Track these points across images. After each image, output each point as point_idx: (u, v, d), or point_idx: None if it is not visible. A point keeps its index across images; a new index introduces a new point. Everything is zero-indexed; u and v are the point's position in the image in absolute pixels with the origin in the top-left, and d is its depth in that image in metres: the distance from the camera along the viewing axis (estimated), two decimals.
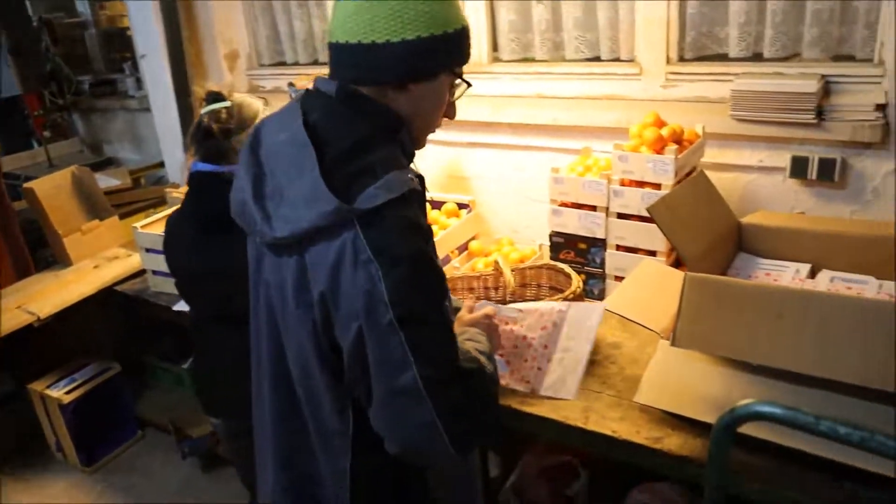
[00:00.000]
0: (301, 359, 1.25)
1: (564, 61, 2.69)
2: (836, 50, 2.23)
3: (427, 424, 1.12)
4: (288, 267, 1.20)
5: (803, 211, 2.25)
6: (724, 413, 0.94)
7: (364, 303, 1.10)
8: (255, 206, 1.20)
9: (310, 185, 1.12)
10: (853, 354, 1.41)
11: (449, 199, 2.65)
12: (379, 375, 1.13)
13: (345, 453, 1.28)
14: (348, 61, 1.19)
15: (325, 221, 1.11)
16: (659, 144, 2.07)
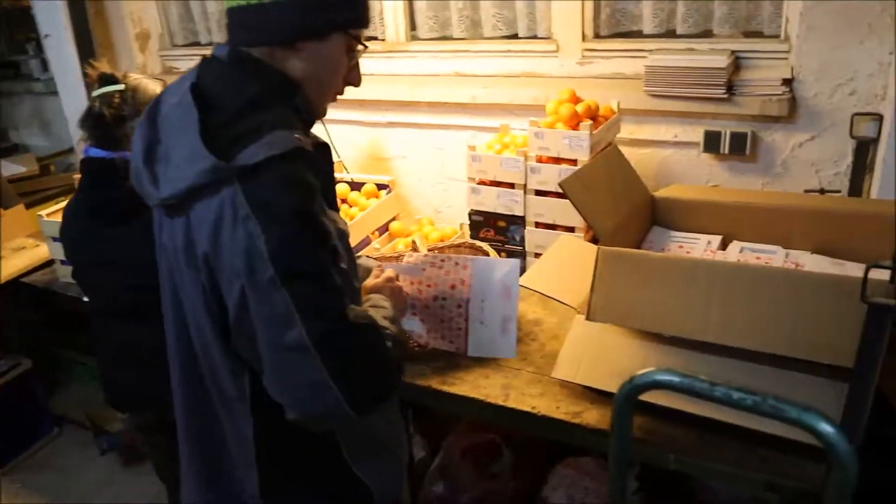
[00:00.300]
0: (197, 323, 1.23)
1: (482, 39, 2.67)
2: (745, 26, 2.27)
3: (318, 383, 1.09)
4: (178, 229, 1.18)
5: (718, 184, 2.30)
6: (623, 383, 0.94)
7: (244, 260, 1.08)
8: (144, 170, 1.20)
9: (190, 144, 1.11)
10: (758, 322, 1.44)
11: (368, 180, 2.61)
12: (265, 335, 1.11)
13: (246, 420, 1.25)
14: (240, 23, 1.20)
15: (203, 179, 1.10)
16: (574, 121, 2.08)
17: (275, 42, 1.20)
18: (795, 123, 2.14)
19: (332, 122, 2.80)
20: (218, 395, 1.29)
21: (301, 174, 1.14)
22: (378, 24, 2.86)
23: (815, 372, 1.44)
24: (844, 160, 2.11)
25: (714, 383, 0.85)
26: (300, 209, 1.11)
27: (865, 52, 1.97)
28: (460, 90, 2.56)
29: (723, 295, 1.47)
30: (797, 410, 0.81)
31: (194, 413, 1.37)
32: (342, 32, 1.24)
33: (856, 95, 2.02)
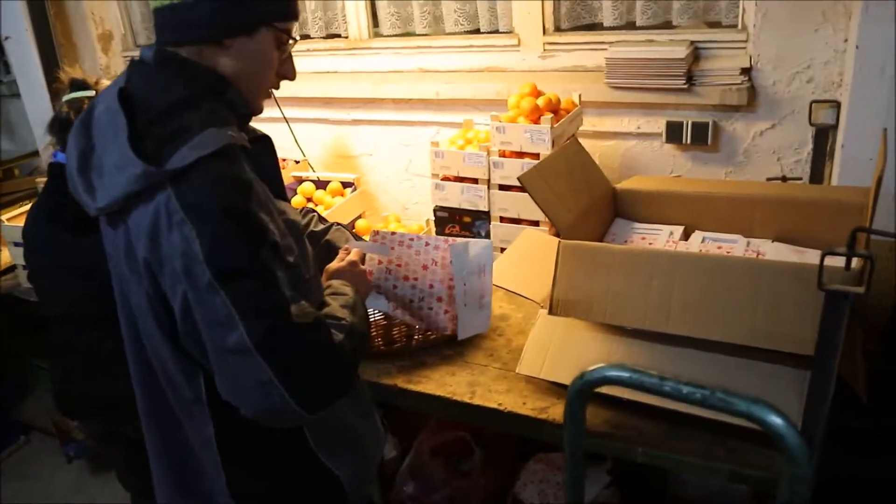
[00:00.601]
0: (145, 327, 1.23)
1: (444, 34, 2.66)
2: (703, 17, 2.28)
3: (264, 383, 1.08)
4: (119, 237, 1.18)
5: (681, 174, 2.31)
6: (575, 379, 0.94)
7: (182, 265, 1.08)
8: (78, 179, 1.19)
9: (120, 150, 1.10)
10: (718, 312, 1.44)
11: (333, 178, 2.59)
12: (208, 338, 1.10)
13: (205, 421, 1.25)
14: (166, 23, 1.18)
15: (135, 186, 1.09)
16: (535, 114, 2.07)
17: (202, 40, 1.18)
18: (755, 112, 2.15)
19: (296, 120, 2.80)
20: (175, 397, 1.28)
21: (234, 172, 1.12)
22: (341, 21, 2.84)
23: (778, 361, 1.44)
24: (805, 147, 2.12)
25: (663, 378, 0.85)
26: (231, 208, 1.09)
27: (820, 40, 1.98)
28: (424, 86, 2.55)
29: (683, 286, 1.47)
30: (746, 403, 0.81)
31: (155, 417, 1.36)
32: (270, 27, 1.22)
33: (813, 83, 2.04)
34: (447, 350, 1.91)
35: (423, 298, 1.69)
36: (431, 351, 1.91)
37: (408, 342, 1.90)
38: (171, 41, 1.19)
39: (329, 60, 2.85)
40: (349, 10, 2.75)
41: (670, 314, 1.46)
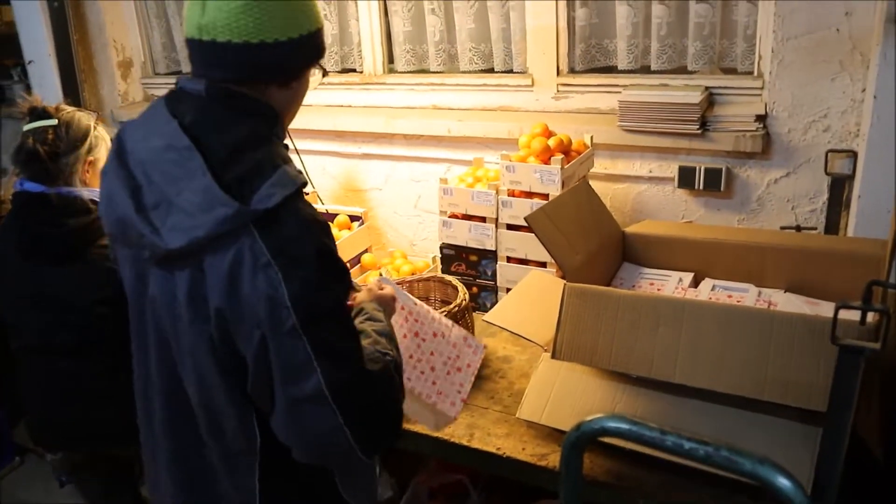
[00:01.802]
0: (199, 377, 1.17)
1: (459, 73, 2.66)
2: (719, 63, 2.26)
3: (334, 430, 1.07)
4: (179, 280, 1.11)
5: (692, 220, 2.27)
6: (571, 430, 0.90)
7: (266, 309, 1.04)
8: (139, 220, 1.11)
9: (202, 190, 1.05)
10: (727, 363, 1.40)
11: (341, 211, 2.57)
12: (283, 382, 1.08)
13: (252, 473, 1.21)
14: (231, 60, 1.13)
15: (223, 227, 1.04)
16: (546, 155, 2.05)
17: (272, 80, 1.18)
18: (770, 160, 2.12)
19: (307, 152, 2.79)
20: (219, 449, 1.23)
21: (314, 211, 1.12)
22: (356, 56, 2.85)
23: (789, 416, 1.39)
24: (820, 197, 2.08)
25: (665, 432, 0.81)
26: (321, 250, 1.09)
27: (837, 89, 1.96)
28: (436, 123, 2.54)
29: (691, 335, 1.43)
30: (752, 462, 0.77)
31: (187, 471, 1.30)
32: (317, 65, 1.25)
33: (829, 132, 2.01)
34: None
35: (421, 360, 1.62)
36: None
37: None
38: (234, 78, 1.15)
39: (343, 94, 2.86)
40: (365, 45, 2.77)
41: (677, 363, 1.41)
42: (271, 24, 1.11)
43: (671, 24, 2.27)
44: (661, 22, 2.27)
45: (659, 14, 2.26)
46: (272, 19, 1.11)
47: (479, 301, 2.25)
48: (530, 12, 2.42)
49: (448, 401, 1.61)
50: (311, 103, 2.94)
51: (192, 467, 1.27)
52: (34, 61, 3.51)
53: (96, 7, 3.31)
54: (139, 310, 1.25)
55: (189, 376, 1.19)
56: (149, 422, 1.33)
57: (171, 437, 1.28)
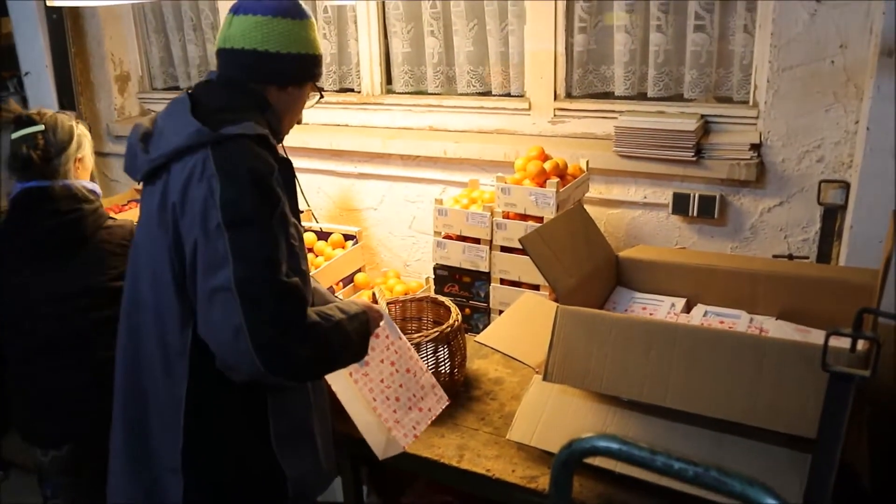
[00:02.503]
0: (156, 279, 1.37)
1: (456, 95, 2.68)
2: (715, 91, 2.29)
3: (236, 327, 1.21)
4: (154, 193, 1.37)
5: (685, 247, 2.28)
6: (562, 448, 0.89)
7: (200, 209, 1.27)
8: (139, 147, 1.41)
9: (182, 120, 1.35)
10: (718, 388, 1.39)
11: (336, 230, 2.57)
12: (203, 273, 1.26)
13: (181, 378, 1.35)
14: (244, 62, 1.44)
15: (187, 141, 1.31)
16: (541, 178, 2.06)
17: (272, 83, 1.46)
18: (764, 188, 2.13)
19: (303, 170, 2.80)
20: (162, 351, 1.37)
21: (263, 153, 1.33)
22: (354, 76, 2.87)
23: (778, 442, 1.39)
24: (813, 226, 2.10)
25: (654, 451, 0.80)
26: (253, 172, 1.29)
27: (831, 120, 1.98)
28: (433, 144, 2.56)
29: (683, 359, 1.43)
30: (742, 484, 0.76)
31: (132, 374, 1.45)
32: (312, 85, 1.55)
33: (823, 162, 2.03)
34: None
35: (391, 387, 1.65)
36: None
37: None
38: (241, 75, 1.45)
39: (340, 114, 2.87)
40: (364, 65, 2.79)
41: (668, 387, 1.41)
42: (274, 39, 1.43)
43: (668, 52, 2.30)
44: (658, 50, 2.29)
45: (657, 42, 2.29)
46: (275, 36, 1.43)
47: (471, 322, 2.24)
48: (529, 37, 2.44)
49: (402, 431, 1.63)
50: (308, 122, 2.95)
51: (136, 367, 1.43)
52: (31, 73, 3.52)
53: (96, 21, 3.32)
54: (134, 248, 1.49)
55: (146, 275, 1.39)
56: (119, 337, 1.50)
57: (125, 349, 1.46)
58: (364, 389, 1.60)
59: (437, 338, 1.82)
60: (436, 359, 1.85)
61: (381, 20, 2.74)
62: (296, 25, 1.45)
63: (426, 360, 1.83)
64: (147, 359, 1.40)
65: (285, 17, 1.43)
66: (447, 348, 1.85)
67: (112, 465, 1.51)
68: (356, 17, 2.76)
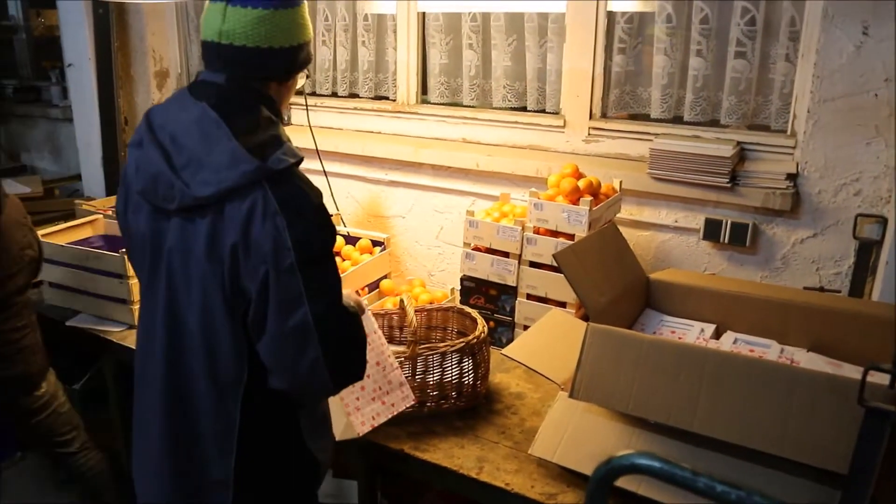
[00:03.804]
0: (203, 308, 1.36)
1: (491, 108, 2.69)
2: (752, 119, 2.27)
3: (313, 358, 1.30)
4: (199, 226, 1.32)
5: (715, 273, 2.26)
6: (600, 464, 0.88)
7: (271, 248, 1.27)
8: (172, 175, 1.32)
9: (229, 152, 1.28)
10: (746, 416, 1.38)
11: (364, 235, 2.58)
12: (277, 311, 1.29)
13: (236, 401, 1.38)
14: (247, 60, 1.36)
15: (245, 180, 1.27)
16: (575, 195, 2.06)
17: (277, 79, 1.43)
18: (798, 219, 2.11)
19: (334, 174, 2.82)
20: (211, 379, 1.39)
21: (308, 178, 1.37)
22: (390, 84, 2.89)
23: (807, 476, 1.37)
24: (846, 260, 2.08)
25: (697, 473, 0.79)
26: (319, 205, 1.34)
27: (872, 153, 1.96)
28: (465, 156, 2.56)
29: (713, 385, 1.41)
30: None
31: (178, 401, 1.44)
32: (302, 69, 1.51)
33: (860, 196, 2.01)
34: (458, 421, 1.85)
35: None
36: (442, 420, 1.85)
37: (419, 408, 1.84)
38: (249, 74, 1.39)
39: (374, 120, 2.89)
40: (400, 74, 2.81)
41: (696, 413, 1.39)
42: (278, 34, 1.36)
43: (707, 77, 2.29)
44: (697, 74, 2.29)
45: (696, 66, 2.29)
46: (278, 30, 1.36)
47: (494, 336, 2.23)
48: (567, 55, 2.45)
49: (360, 419, 1.69)
50: (341, 127, 2.97)
51: (182, 393, 1.43)
52: (73, 64, 3.58)
53: (139, 16, 3.37)
54: (153, 256, 1.42)
55: (195, 308, 1.37)
56: (148, 352, 1.48)
57: (167, 364, 1.43)
58: None
59: (462, 348, 1.82)
60: (460, 369, 1.84)
61: (420, 31, 2.76)
62: (295, 14, 1.39)
63: (450, 369, 1.83)
64: (194, 383, 1.41)
65: (286, 8, 1.36)
66: (472, 359, 1.85)
67: (148, 467, 1.52)
68: (396, 26, 2.78)
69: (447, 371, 1.83)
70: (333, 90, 3.05)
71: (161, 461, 1.47)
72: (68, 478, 2.79)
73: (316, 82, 3.07)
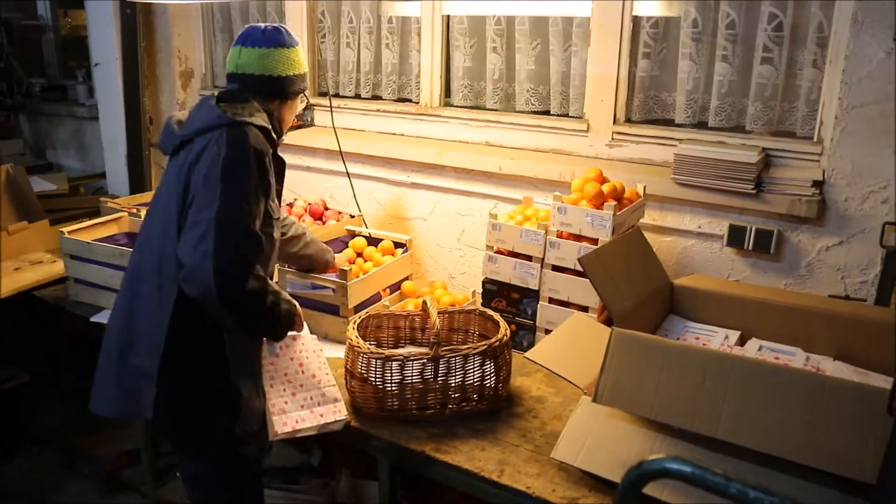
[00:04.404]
0: (164, 213, 1.72)
1: (514, 112, 2.69)
2: (777, 125, 2.26)
3: (205, 251, 1.57)
4: (177, 161, 1.75)
5: (739, 280, 2.25)
6: (631, 468, 0.88)
7: (207, 164, 1.65)
8: (175, 127, 1.80)
9: (208, 109, 1.75)
10: (771, 424, 1.37)
11: (387, 237, 2.59)
12: (194, 211, 1.63)
13: (169, 303, 1.67)
14: (257, 85, 1.85)
15: (210, 123, 1.71)
16: (599, 200, 2.05)
17: (278, 98, 1.88)
18: (824, 226, 2.10)
19: (356, 176, 2.83)
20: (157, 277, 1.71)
21: (262, 139, 1.73)
22: (413, 87, 2.90)
23: (826, 483, 1.36)
24: (873, 269, 2.06)
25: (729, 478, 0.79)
26: (254, 148, 1.69)
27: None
28: (488, 159, 2.57)
29: (738, 392, 1.41)
30: None
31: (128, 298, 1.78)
32: (302, 93, 1.97)
33: (888, 204, 1.99)
34: (479, 424, 1.85)
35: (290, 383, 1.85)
36: (464, 422, 1.86)
37: (441, 410, 1.85)
38: (255, 93, 1.83)
39: (397, 123, 2.90)
40: (424, 77, 2.82)
41: (721, 419, 1.39)
42: (277, 65, 1.84)
43: (733, 83, 2.28)
44: (722, 80, 2.28)
45: (721, 72, 2.28)
46: (276, 63, 1.84)
47: (516, 339, 2.23)
48: (592, 60, 2.45)
49: (282, 420, 1.78)
50: (363, 128, 2.99)
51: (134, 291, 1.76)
52: (100, 64, 3.63)
53: (166, 17, 3.41)
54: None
55: (158, 216, 1.74)
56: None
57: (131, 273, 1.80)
58: (266, 374, 1.82)
59: (484, 351, 1.82)
60: (482, 372, 1.84)
61: (444, 33, 2.77)
62: (290, 52, 1.86)
63: (472, 371, 1.83)
64: (145, 283, 1.73)
65: (283, 48, 1.85)
66: (493, 362, 1.85)
67: (101, 366, 1.81)
68: (420, 28, 2.79)
69: (469, 373, 1.83)
70: (356, 92, 3.06)
71: (111, 358, 1.76)
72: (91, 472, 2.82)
73: (339, 84, 3.09)
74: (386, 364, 1.80)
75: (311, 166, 3.06)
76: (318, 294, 2.28)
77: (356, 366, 1.84)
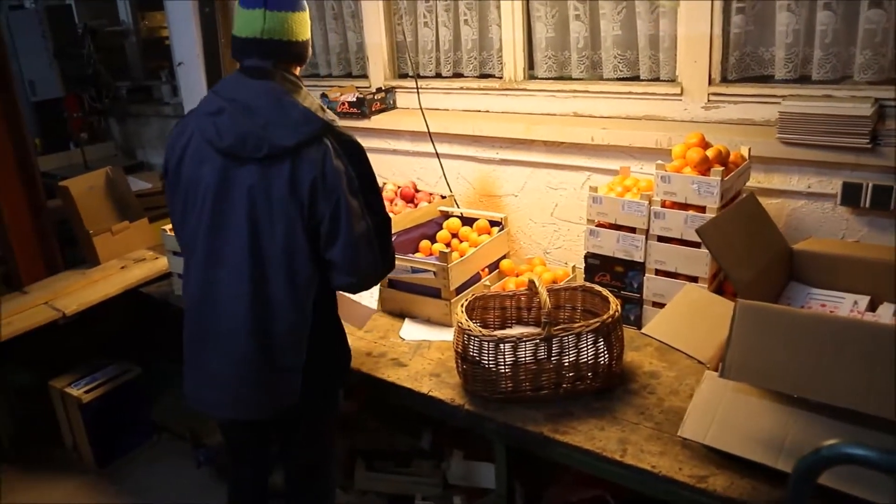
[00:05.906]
0: (287, 232, 1.73)
1: (601, 80, 2.62)
2: (889, 73, 2.13)
3: (371, 259, 1.77)
4: (280, 169, 1.70)
5: (856, 240, 2.15)
6: (807, 455, 0.84)
7: (342, 178, 1.71)
8: (260, 131, 1.70)
9: (299, 114, 1.71)
10: None
11: (481, 216, 2.58)
12: (346, 224, 1.71)
13: (309, 300, 1.79)
14: (285, 50, 1.78)
15: (316, 133, 1.71)
16: (704, 166, 1.98)
17: (299, 63, 1.87)
18: None
19: (444, 156, 2.82)
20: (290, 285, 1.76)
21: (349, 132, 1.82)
22: (496, 62, 2.86)
23: None
24: None
25: None
26: (363, 149, 1.79)
27: None
28: (578, 130, 2.51)
29: (887, 363, 1.33)
30: None
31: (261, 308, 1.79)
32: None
33: None
34: (595, 403, 1.84)
35: None
36: (578, 401, 1.84)
37: (555, 390, 1.83)
38: (287, 60, 1.81)
39: (481, 99, 2.87)
40: (506, 51, 2.77)
41: (870, 393, 1.32)
42: (300, 30, 1.80)
43: (837, 32, 2.16)
44: (825, 29, 2.16)
45: (824, 21, 2.16)
46: (300, 27, 1.80)
47: (623, 314, 2.18)
48: (682, 19, 2.35)
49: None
50: (447, 107, 2.96)
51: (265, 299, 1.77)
52: (183, 63, 3.71)
53: None
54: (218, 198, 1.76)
55: (278, 230, 1.73)
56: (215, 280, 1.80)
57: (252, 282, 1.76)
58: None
59: (598, 328, 1.79)
60: (595, 349, 1.82)
61: (524, 5, 2.71)
62: (307, 16, 1.83)
63: (586, 350, 1.81)
64: (276, 291, 1.76)
65: (303, 11, 1.81)
66: (606, 339, 1.82)
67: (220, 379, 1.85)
68: (499, 2, 2.74)
69: (583, 352, 1.81)
70: (437, 71, 3.04)
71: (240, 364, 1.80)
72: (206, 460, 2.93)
73: (419, 64, 3.08)
74: (499, 346, 1.80)
75: (398, 149, 3.07)
76: (419, 278, 2.29)
77: (468, 349, 1.84)
